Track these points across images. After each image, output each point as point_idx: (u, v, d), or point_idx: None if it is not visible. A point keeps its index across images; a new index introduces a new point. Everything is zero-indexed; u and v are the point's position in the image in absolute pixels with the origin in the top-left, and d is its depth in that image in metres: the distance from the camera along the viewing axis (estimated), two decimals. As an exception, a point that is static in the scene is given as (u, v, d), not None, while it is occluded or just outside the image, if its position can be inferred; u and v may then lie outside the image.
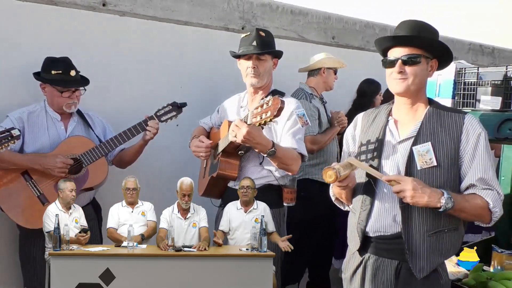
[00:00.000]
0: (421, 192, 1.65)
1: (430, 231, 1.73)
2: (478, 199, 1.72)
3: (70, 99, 2.52)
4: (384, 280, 1.80)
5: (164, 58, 3.17)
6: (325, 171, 1.70)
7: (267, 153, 2.21)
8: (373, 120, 1.92)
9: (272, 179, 2.48)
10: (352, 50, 4.23)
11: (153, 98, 2.88)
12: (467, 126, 1.76)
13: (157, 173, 3.16)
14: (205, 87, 3.23)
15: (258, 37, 2.45)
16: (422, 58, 1.76)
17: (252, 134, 2.11)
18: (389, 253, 1.81)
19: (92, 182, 2.52)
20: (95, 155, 2.50)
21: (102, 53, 2.93)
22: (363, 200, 1.85)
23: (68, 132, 2.58)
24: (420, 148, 1.75)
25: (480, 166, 1.73)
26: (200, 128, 2.79)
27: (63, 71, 2.48)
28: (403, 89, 1.78)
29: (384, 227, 1.80)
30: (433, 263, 1.75)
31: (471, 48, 5.39)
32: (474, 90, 2.26)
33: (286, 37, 3.78)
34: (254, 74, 2.44)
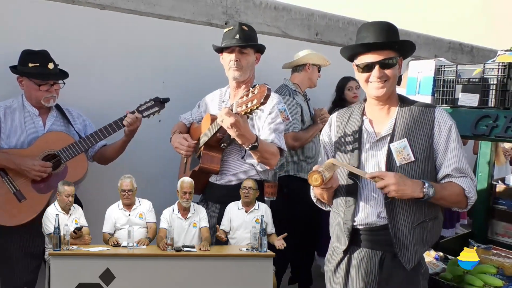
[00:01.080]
0: (404, 185, 1.70)
1: (414, 222, 1.79)
2: (454, 186, 1.79)
3: (48, 93, 2.47)
4: (369, 271, 1.84)
5: (146, 53, 3.13)
6: (310, 175, 1.72)
7: (250, 146, 2.21)
8: (348, 120, 1.96)
9: (254, 174, 2.49)
10: (335, 47, 4.25)
11: (135, 93, 2.85)
12: (438, 119, 1.82)
13: (139, 170, 3.11)
14: (188, 83, 3.21)
15: (241, 31, 2.46)
16: (395, 59, 1.82)
17: (239, 124, 2.09)
18: (374, 245, 1.85)
19: (71, 178, 2.46)
20: (74, 151, 2.46)
21: (82, 47, 2.88)
22: (346, 199, 1.87)
23: (47, 128, 2.53)
24: (397, 145, 1.81)
25: (454, 156, 1.80)
26: (181, 124, 2.77)
27: (41, 63, 2.43)
28: (384, 93, 1.83)
29: (371, 218, 1.84)
30: (419, 253, 1.82)
31: (451, 46, 5.48)
32: (453, 88, 2.29)
33: (269, 33, 3.77)
34: (237, 67, 2.44)
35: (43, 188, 2.42)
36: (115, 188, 3.02)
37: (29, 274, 2.45)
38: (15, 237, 2.37)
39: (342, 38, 4.33)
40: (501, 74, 2.13)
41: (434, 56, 4.87)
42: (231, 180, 2.50)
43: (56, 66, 2.50)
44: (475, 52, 5.76)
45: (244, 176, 2.48)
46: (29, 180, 2.39)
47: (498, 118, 2.11)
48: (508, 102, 2.13)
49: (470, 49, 5.73)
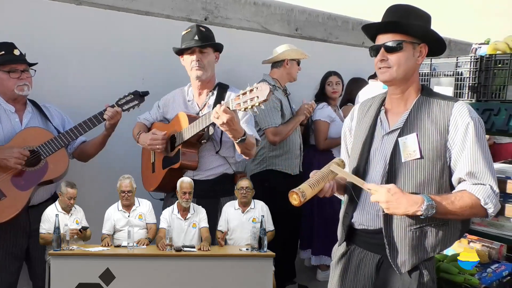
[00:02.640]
0: (396, 204, 1.56)
1: (412, 225, 1.66)
2: (466, 198, 1.60)
3: (20, 80, 2.41)
4: (366, 273, 1.78)
5: (125, 49, 3.11)
6: (290, 194, 1.65)
7: (240, 139, 2.26)
8: (368, 110, 1.86)
9: (228, 167, 2.58)
10: (315, 42, 4.29)
11: (114, 90, 2.81)
12: (455, 115, 1.64)
13: (120, 166, 3.11)
14: (168, 79, 3.19)
15: (199, 32, 2.54)
16: (406, 43, 1.67)
17: (234, 120, 2.14)
18: (372, 247, 1.78)
19: (52, 175, 2.45)
20: (54, 146, 2.44)
21: (59, 43, 2.84)
22: (352, 192, 1.81)
23: (24, 124, 2.49)
24: (405, 139, 1.67)
25: (469, 158, 1.61)
26: (141, 124, 2.80)
27: (6, 51, 2.40)
28: (387, 78, 1.71)
29: (367, 220, 1.77)
30: (416, 259, 1.68)
31: (429, 41, 5.57)
32: (428, 81, 2.34)
33: (249, 28, 3.78)
34: (199, 66, 2.52)
35: (23, 185, 2.38)
36: (96, 184, 3.01)
37: (10, 276, 2.43)
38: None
39: (322, 33, 4.36)
40: (474, 67, 2.19)
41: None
42: (208, 175, 2.56)
43: (22, 54, 2.46)
44: (453, 45, 5.88)
45: (219, 170, 2.57)
46: (9, 177, 2.36)
47: (471, 110, 2.17)
48: (480, 94, 2.20)
49: (448, 43, 5.84)
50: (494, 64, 2.14)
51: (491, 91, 2.15)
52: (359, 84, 4.05)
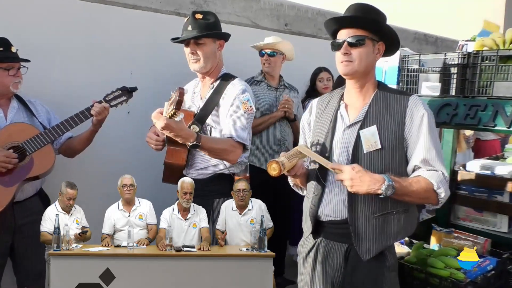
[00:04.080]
0: (360, 181, 1.65)
1: (375, 213, 1.75)
2: (422, 182, 1.72)
3: (16, 77, 2.41)
4: (334, 263, 1.85)
5: (112, 43, 3.07)
6: (269, 164, 1.71)
7: (190, 145, 2.20)
8: (327, 105, 1.94)
9: (223, 168, 2.47)
10: (304, 37, 4.29)
11: (102, 85, 2.78)
12: (411, 107, 1.77)
13: (107, 163, 3.08)
14: (157, 74, 3.17)
15: (194, 21, 2.37)
16: (367, 39, 1.77)
17: (170, 126, 2.03)
18: (339, 237, 1.84)
19: (38, 171, 2.41)
20: (40, 142, 2.40)
21: (45, 37, 2.79)
22: (315, 185, 1.88)
23: (9, 120, 2.44)
24: (366, 131, 1.77)
25: (424, 147, 1.74)
26: None
27: (4, 48, 2.36)
28: (349, 71, 1.79)
29: (334, 211, 1.83)
30: (380, 245, 1.76)
31: (416, 37, 5.62)
32: (417, 77, 2.36)
33: (239, 23, 3.77)
34: (194, 59, 2.39)
35: (8, 181, 2.34)
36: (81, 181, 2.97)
37: None
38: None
39: (311, 28, 4.36)
40: (461, 63, 2.21)
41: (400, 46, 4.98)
42: (200, 174, 2.49)
43: (17, 51, 2.43)
44: (439, 42, 5.93)
45: (213, 170, 2.47)
46: (-8, 175, 2.31)
47: (458, 106, 2.20)
48: (467, 90, 2.22)
49: (434, 40, 5.89)
50: (481, 61, 2.17)
51: (478, 87, 2.18)
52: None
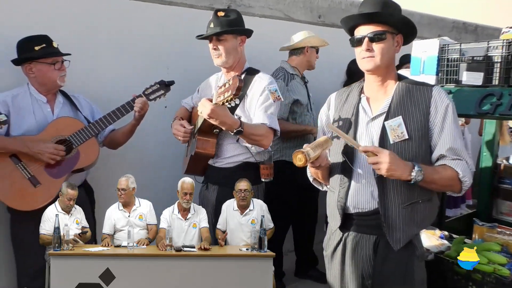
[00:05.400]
0: (396, 165, 1.68)
1: (405, 203, 1.78)
2: (448, 170, 1.76)
3: (62, 71, 2.51)
4: (364, 256, 1.86)
5: (150, 39, 3.15)
6: (294, 154, 1.73)
7: (234, 132, 2.27)
8: (346, 99, 1.96)
9: (249, 156, 2.54)
10: (338, 29, 4.20)
11: (139, 79, 2.87)
12: (436, 98, 1.80)
13: (146, 155, 3.18)
14: (193, 68, 3.22)
15: (215, 18, 2.49)
16: (388, 34, 1.80)
17: (216, 112, 2.16)
18: (368, 229, 1.85)
19: (83, 163, 2.52)
20: (85, 135, 2.50)
21: (86, 34, 2.90)
22: (341, 178, 1.89)
23: (55, 114, 2.56)
24: (392, 122, 1.79)
25: (449, 136, 1.77)
26: (183, 109, 2.82)
27: (47, 44, 2.46)
28: (372, 67, 1.82)
29: (362, 203, 1.84)
30: (409, 234, 1.80)
31: (454, 26, 5.44)
32: (457, 66, 2.30)
33: (271, 16, 3.77)
34: (217, 54, 2.51)
35: (56, 173, 2.46)
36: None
37: (41, 260, 2.50)
38: (30, 223, 2.39)
39: (345, 20, 4.30)
40: (505, 51, 2.13)
41: (437, 36, 4.84)
42: (227, 162, 2.55)
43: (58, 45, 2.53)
44: (479, 31, 5.71)
45: (239, 158, 2.54)
46: (42, 165, 2.43)
47: (503, 96, 2.12)
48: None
49: (474, 28, 5.69)
50: (527, 48, 2.08)
51: (523, 76, 2.10)
52: None
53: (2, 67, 2.57)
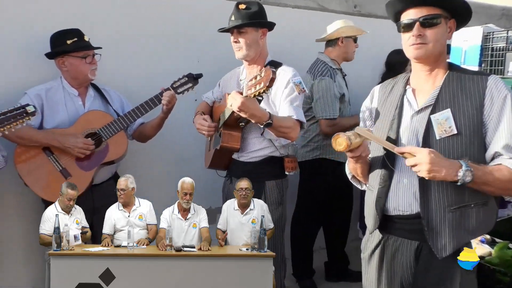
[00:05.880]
0: (439, 166, 1.50)
1: (452, 206, 1.59)
2: (504, 170, 1.54)
3: (93, 65, 2.55)
4: (404, 263, 1.70)
5: (180, 31, 3.15)
6: (335, 137, 1.58)
7: (264, 124, 2.25)
8: (391, 90, 1.80)
9: (273, 150, 2.53)
10: (375, 19, 4.07)
11: (169, 72, 2.87)
12: (491, 88, 1.59)
13: (175, 148, 3.20)
14: (222, 61, 3.18)
15: (236, 11, 2.48)
16: (441, 18, 1.61)
17: (247, 105, 2.14)
18: (409, 234, 1.69)
19: (112, 156, 2.55)
20: (114, 129, 2.53)
21: (116, 27, 2.92)
22: (381, 176, 1.72)
23: (86, 107, 2.60)
24: (439, 116, 1.61)
25: (506, 131, 1.55)
26: (204, 103, 2.81)
27: (78, 38, 2.50)
28: (423, 54, 1.63)
29: (403, 205, 1.68)
30: (457, 242, 1.60)
31: (504, 13, 5.10)
32: (503, 56, 2.13)
33: (305, 7, 3.67)
34: (238, 47, 2.50)
35: (86, 165, 2.51)
36: (152, 166, 3.12)
37: None
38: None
39: (383, 9, 4.07)
40: (559, 39, 1.95)
41: (483, 23, 4.56)
42: (252, 157, 2.54)
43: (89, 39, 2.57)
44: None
45: (264, 152, 2.52)
46: (73, 158, 2.49)
47: (554, 88, 1.94)
48: None
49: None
50: None
51: None
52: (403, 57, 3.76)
53: (36, 61, 2.63)
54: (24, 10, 2.66)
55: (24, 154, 2.47)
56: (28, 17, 2.67)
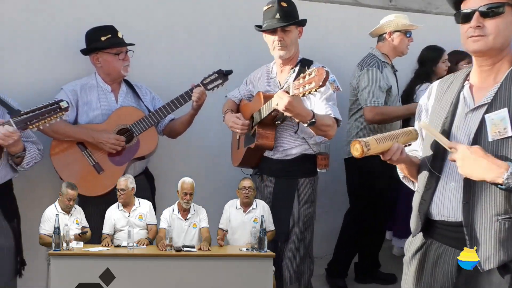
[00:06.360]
0: (473, 163, 1.38)
1: (500, 215, 1.44)
2: None
3: (125, 61, 2.59)
4: (445, 271, 1.58)
5: (211, 28, 3.15)
6: (353, 143, 1.53)
7: (308, 123, 2.23)
8: (448, 86, 1.66)
9: (307, 148, 2.53)
10: (412, 13, 3.92)
11: (200, 68, 2.87)
12: None
13: (206, 144, 3.20)
14: (253, 58, 3.16)
15: (281, 8, 2.44)
16: (507, 6, 1.44)
17: (293, 105, 2.13)
18: (453, 241, 1.57)
19: (143, 152, 2.58)
20: (145, 124, 2.56)
21: (149, 23, 2.96)
22: (428, 178, 1.61)
23: (119, 103, 2.65)
24: (494, 115, 1.46)
25: None
26: (230, 101, 2.80)
27: (112, 34, 2.54)
28: (482, 47, 1.47)
29: (448, 210, 1.56)
30: (504, 255, 1.45)
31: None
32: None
33: (339, 1, 3.59)
34: (281, 46, 2.46)
35: (118, 161, 2.56)
36: (182, 162, 3.13)
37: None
38: (96, 205, 2.52)
39: (419, 3, 3.98)
40: None
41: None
42: (286, 154, 2.52)
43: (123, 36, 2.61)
44: None
45: (298, 150, 2.51)
46: (105, 153, 2.54)
47: None
48: None
49: None
50: None
51: None
52: (460, 58, 3.63)
53: (73, 57, 2.70)
54: (61, 8, 2.73)
55: (60, 148, 2.54)
56: (65, 14, 2.74)
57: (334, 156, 2.86)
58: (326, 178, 3.25)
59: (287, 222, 2.48)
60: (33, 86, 2.63)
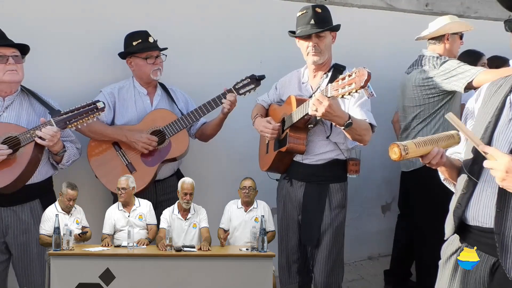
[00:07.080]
0: None
1: None
2: None
3: (154, 65, 2.65)
4: (477, 277, 1.56)
5: (244, 33, 3.18)
6: (390, 147, 1.51)
7: (345, 125, 2.20)
8: (497, 90, 1.61)
9: (338, 153, 2.50)
10: (449, 18, 3.84)
11: (232, 72, 2.90)
12: None
13: (236, 148, 3.23)
14: (285, 62, 3.16)
15: (315, 14, 2.42)
16: None
17: (333, 107, 2.11)
18: (487, 248, 1.54)
19: (174, 153, 2.64)
20: (177, 127, 2.61)
21: (184, 28, 3.02)
22: (465, 181, 1.58)
23: (154, 106, 2.72)
24: None
25: None
26: (259, 106, 2.80)
27: (142, 39, 2.62)
28: None
29: (483, 216, 1.54)
30: None
31: None
32: None
33: (372, 6, 3.55)
34: (315, 52, 2.44)
35: (150, 161, 2.62)
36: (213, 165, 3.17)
37: None
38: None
39: (457, 7, 3.88)
40: None
41: None
42: (317, 159, 2.50)
43: (155, 40, 2.67)
44: None
45: (329, 155, 2.48)
46: (138, 153, 2.61)
47: None
48: None
49: None
50: None
51: None
52: (500, 64, 3.50)
53: (112, 61, 2.80)
54: (101, 13, 2.83)
55: (97, 148, 2.64)
56: (104, 19, 2.84)
57: (365, 162, 2.82)
58: (356, 183, 3.22)
59: (318, 227, 2.46)
60: (75, 89, 2.74)
